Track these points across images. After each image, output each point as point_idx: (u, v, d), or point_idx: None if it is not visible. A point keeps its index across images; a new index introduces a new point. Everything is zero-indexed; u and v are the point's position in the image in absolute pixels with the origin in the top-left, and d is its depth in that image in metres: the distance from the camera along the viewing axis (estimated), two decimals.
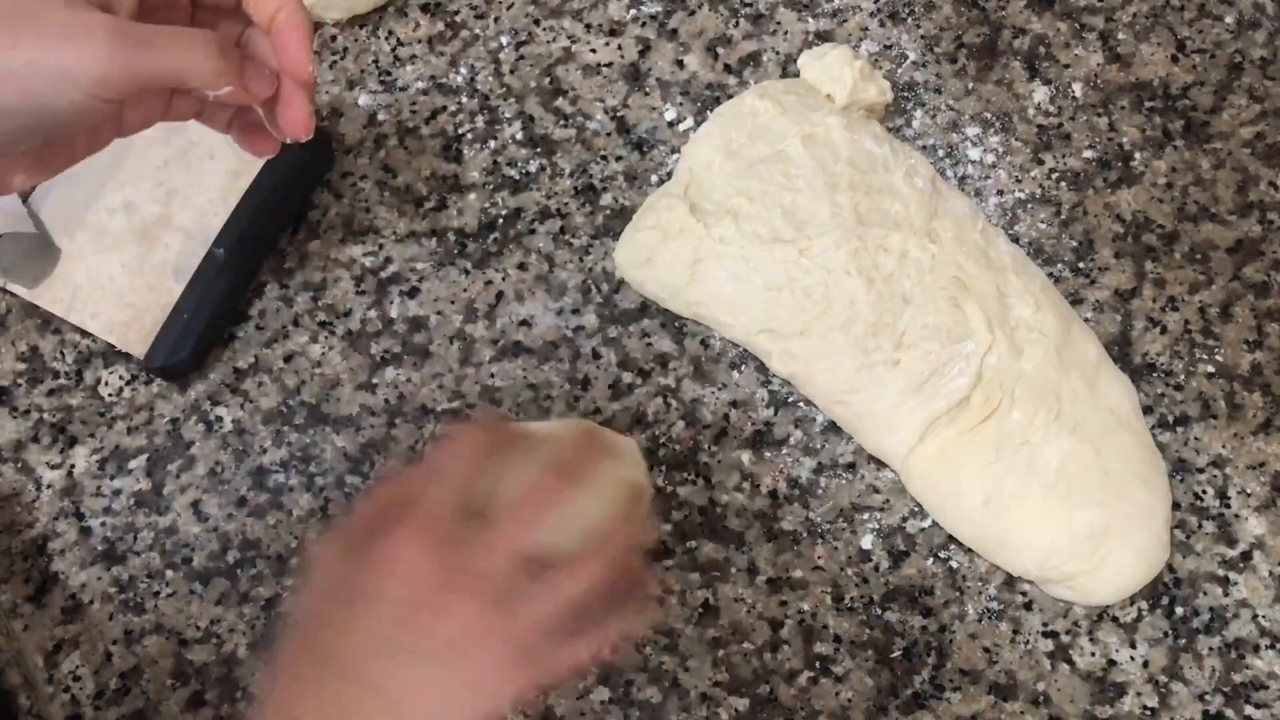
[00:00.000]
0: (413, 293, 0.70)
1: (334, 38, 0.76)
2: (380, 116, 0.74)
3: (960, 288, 0.64)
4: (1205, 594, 0.63)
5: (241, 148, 0.57)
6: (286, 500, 0.67)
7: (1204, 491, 0.65)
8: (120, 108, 0.53)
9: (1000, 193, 0.70)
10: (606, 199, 0.71)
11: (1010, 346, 0.63)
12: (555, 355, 0.68)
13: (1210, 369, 0.67)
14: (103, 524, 0.67)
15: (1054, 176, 0.71)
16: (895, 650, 0.63)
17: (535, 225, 0.71)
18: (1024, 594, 0.63)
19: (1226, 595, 0.63)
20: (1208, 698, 0.61)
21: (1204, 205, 0.70)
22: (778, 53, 0.74)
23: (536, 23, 0.75)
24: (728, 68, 0.74)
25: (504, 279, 0.70)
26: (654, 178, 0.72)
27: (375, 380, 0.68)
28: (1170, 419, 0.66)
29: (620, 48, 0.75)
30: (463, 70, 0.75)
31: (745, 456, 0.66)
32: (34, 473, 0.68)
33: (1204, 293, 0.68)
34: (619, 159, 0.72)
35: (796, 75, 0.71)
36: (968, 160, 0.71)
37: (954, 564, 0.64)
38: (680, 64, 0.74)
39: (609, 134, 0.73)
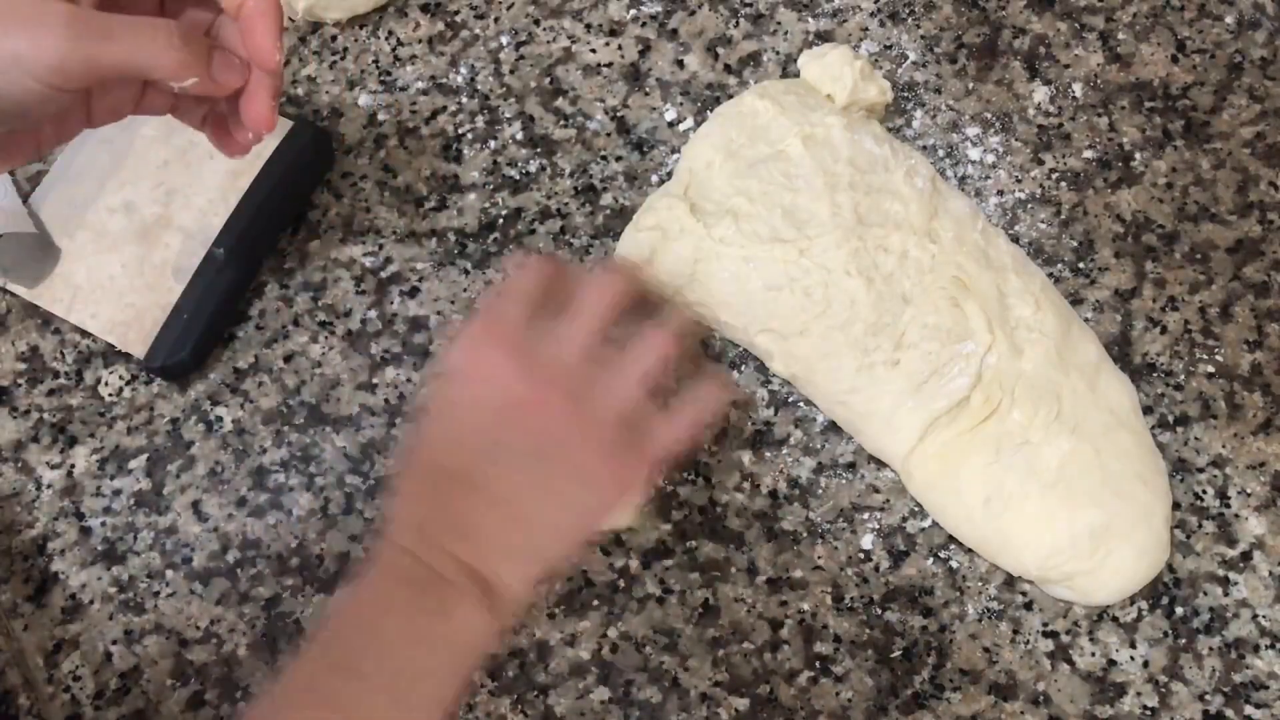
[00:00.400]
0: (413, 293, 0.70)
1: (334, 38, 0.76)
2: (380, 116, 0.74)
3: (960, 288, 0.64)
4: (1205, 594, 0.63)
5: (215, 146, 0.57)
6: (286, 500, 0.67)
7: (1204, 491, 0.65)
8: (85, 98, 0.52)
9: (1000, 193, 0.71)
10: (606, 199, 0.71)
11: (1010, 346, 0.63)
12: None
13: (1210, 369, 0.67)
14: (103, 524, 0.67)
15: (1054, 176, 0.71)
16: (895, 650, 0.63)
17: (535, 225, 0.71)
18: (1024, 594, 0.63)
19: (1226, 595, 0.63)
20: (1208, 698, 0.61)
21: (1204, 205, 0.70)
22: (778, 53, 0.74)
23: (536, 23, 0.75)
24: (728, 68, 0.74)
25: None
26: (654, 178, 0.72)
27: (375, 380, 0.68)
28: (1170, 419, 0.66)
29: (620, 48, 0.75)
30: (463, 70, 0.75)
31: (745, 456, 0.66)
32: (34, 473, 0.68)
33: (1204, 293, 0.68)
34: (619, 159, 0.72)
35: (796, 75, 0.71)
36: (968, 160, 0.71)
37: (954, 564, 0.64)
38: (680, 64, 0.74)
39: (609, 134, 0.73)
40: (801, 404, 0.67)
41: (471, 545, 0.50)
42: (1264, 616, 0.63)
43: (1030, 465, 0.61)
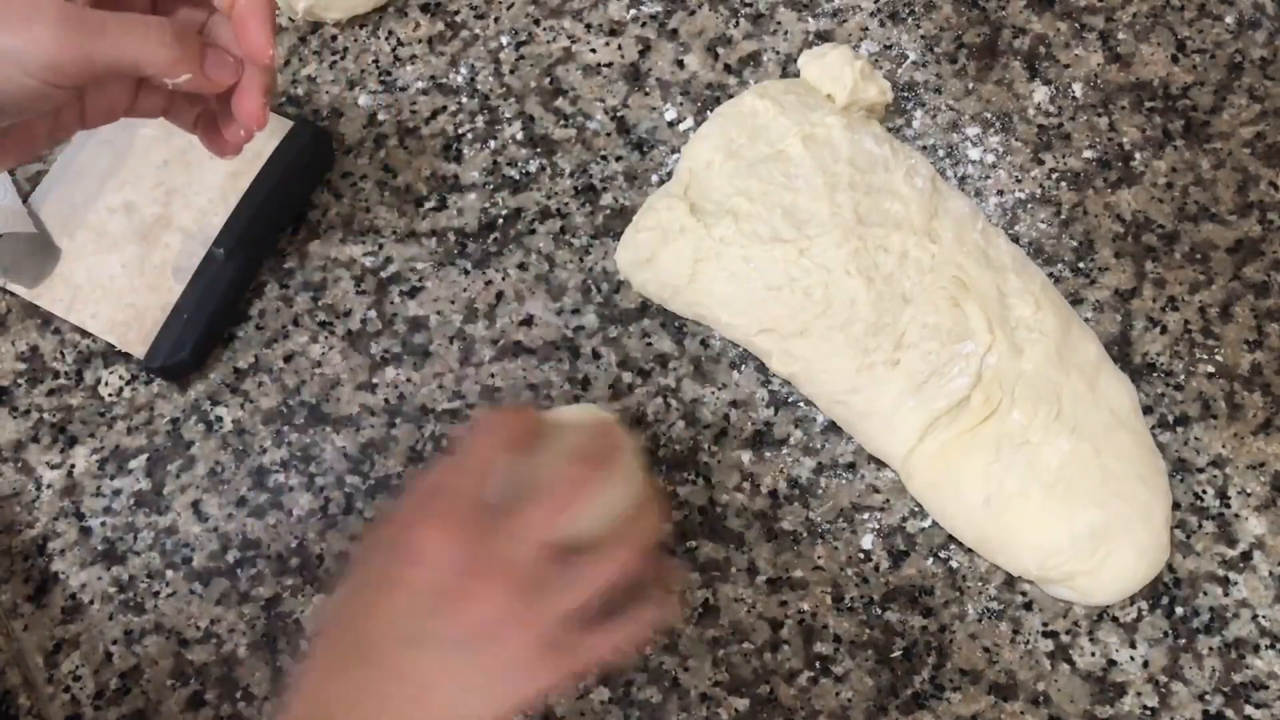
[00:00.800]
0: (413, 293, 0.70)
1: (334, 38, 0.76)
2: (380, 116, 0.74)
3: (960, 288, 0.64)
4: (1205, 594, 0.63)
5: (206, 148, 0.57)
6: (286, 500, 0.67)
7: (1204, 491, 0.65)
8: (79, 96, 0.52)
9: (1000, 193, 0.70)
10: (606, 199, 0.71)
11: (1010, 346, 0.63)
12: (555, 355, 0.68)
13: (1210, 369, 0.67)
14: (103, 524, 0.67)
15: (1054, 176, 0.71)
16: (895, 650, 0.63)
17: (535, 225, 0.71)
18: (1024, 594, 0.63)
19: (1226, 595, 0.63)
20: (1208, 698, 0.61)
21: (1204, 205, 0.70)
22: (778, 53, 0.74)
23: (536, 23, 0.75)
24: (728, 68, 0.74)
25: (504, 279, 0.70)
26: (654, 178, 0.72)
27: (375, 380, 0.68)
28: (1170, 419, 0.66)
29: (620, 48, 0.75)
30: (463, 70, 0.75)
31: (745, 456, 0.66)
32: (34, 473, 0.68)
33: (1204, 293, 0.68)
34: (619, 159, 0.72)
35: (796, 75, 0.71)
36: (968, 160, 0.71)
37: (954, 564, 0.64)
38: (680, 64, 0.74)
39: (609, 134, 0.73)
40: (801, 404, 0.67)
41: None
42: (1264, 616, 0.63)
43: (1030, 465, 0.61)
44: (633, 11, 0.75)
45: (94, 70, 0.48)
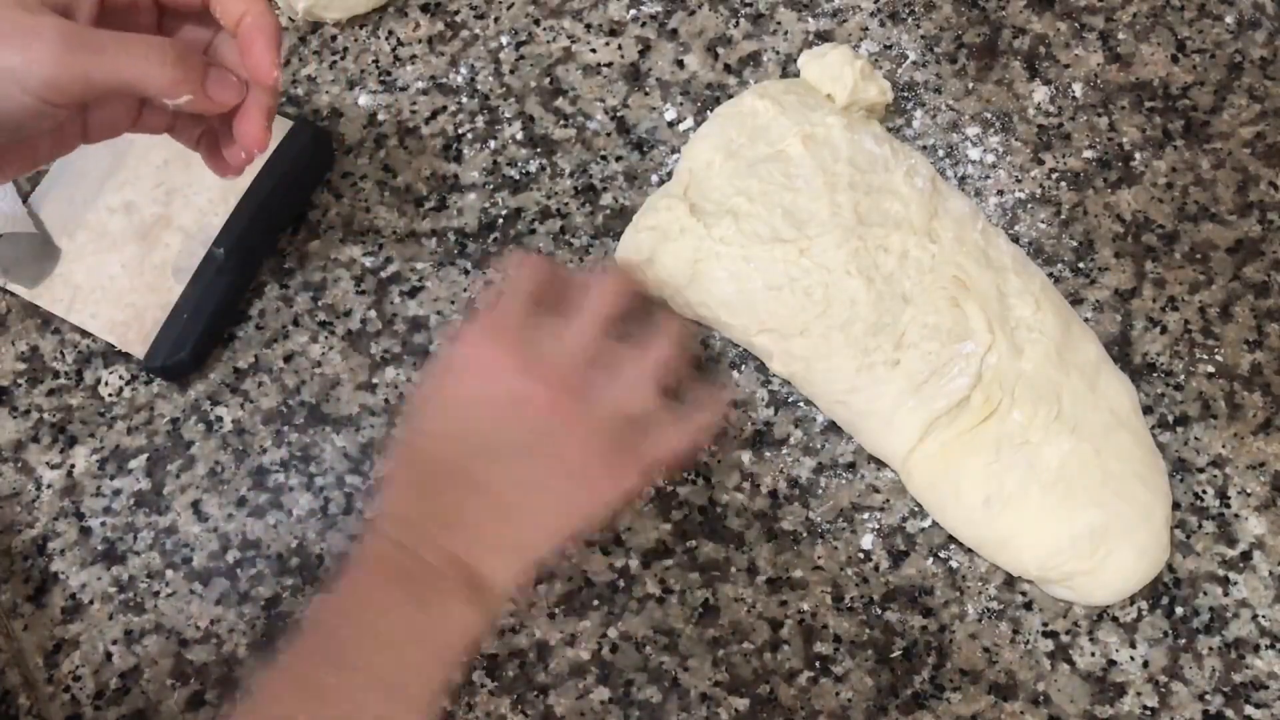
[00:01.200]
0: (413, 293, 0.70)
1: (334, 38, 0.76)
2: (380, 116, 0.74)
3: (960, 288, 0.64)
4: (1205, 594, 0.63)
5: (208, 166, 0.57)
6: (286, 500, 0.67)
7: (1204, 491, 0.65)
8: (81, 113, 0.53)
9: (1000, 193, 0.70)
10: (606, 199, 0.71)
11: (1010, 346, 0.63)
12: None
13: (1210, 369, 0.67)
14: (103, 524, 0.67)
15: (1054, 176, 0.71)
16: (895, 650, 0.63)
17: (535, 225, 0.71)
18: (1024, 594, 0.63)
19: (1226, 595, 0.63)
20: (1208, 698, 0.61)
21: (1204, 205, 0.70)
22: (778, 53, 0.74)
23: (536, 23, 0.75)
24: (728, 68, 0.74)
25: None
26: (654, 178, 0.72)
27: (375, 380, 0.68)
28: (1170, 419, 0.66)
29: (620, 48, 0.75)
30: (463, 70, 0.75)
31: (745, 456, 0.66)
32: (34, 473, 0.68)
33: (1204, 293, 0.68)
34: (619, 159, 0.72)
35: (796, 75, 0.71)
36: (968, 160, 0.71)
37: (954, 564, 0.64)
38: (680, 64, 0.74)
39: (609, 134, 0.73)
40: (801, 404, 0.67)
41: (460, 538, 0.50)
42: (1264, 616, 0.63)
43: (1030, 465, 0.61)
44: (633, 11, 0.75)
45: (93, 90, 0.48)
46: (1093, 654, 0.62)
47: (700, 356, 0.59)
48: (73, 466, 0.68)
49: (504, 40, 0.75)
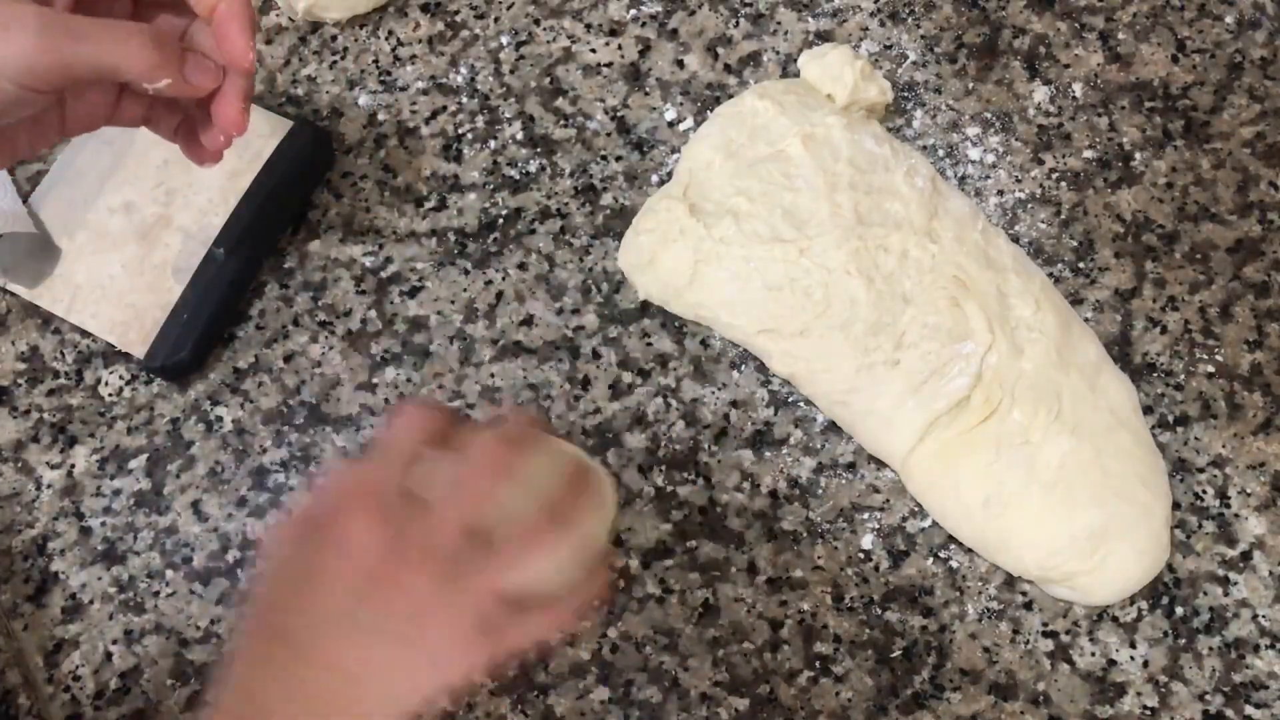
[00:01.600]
0: (413, 293, 0.70)
1: (334, 38, 0.76)
2: (380, 116, 0.74)
3: (960, 288, 0.64)
4: (1205, 594, 0.63)
5: (186, 156, 0.57)
6: (287, 500, 0.66)
7: (1204, 491, 0.65)
8: (59, 102, 0.52)
9: (1000, 193, 0.70)
10: (606, 199, 0.71)
11: (1010, 346, 0.63)
12: (555, 355, 0.68)
13: (1210, 369, 0.67)
14: (103, 524, 0.67)
15: (1054, 176, 0.71)
16: (895, 650, 0.63)
17: (535, 225, 0.71)
18: (1024, 594, 0.63)
19: (1226, 595, 0.63)
20: (1208, 698, 0.61)
21: (1204, 205, 0.70)
22: (778, 53, 0.74)
23: (536, 23, 0.75)
24: (728, 68, 0.74)
25: (504, 279, 0.70)
26: (654, 178, 0.72)
27: (375, 380, 0.68)
28: (1170, 419, 0.66)
29: (620, 48, 0.75)
30: (463, 70, 0.75)
31: (745, 456, 0.66)
32: (34, 473, 0.68)
33: (1204, 293, 0.68)
34: (619, 159, 0.72)
35: (796, 75, 0.71)
36: (968, 160, 0.71)
37: (954, 564, 0.64)
38: (680, 64, 0.74)
39: (609, 134, 0.73)
40: (801, 404, 0.67)
41: (305, 715, 0.48)
42: (1264, 616, 0.63)
43: (1030, 465, 0.61)
44: (633, 11, 0.75)
45: (72, 75, 0.48)
46: (1093, 654, 0.62)
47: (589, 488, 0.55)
48: (73, 466, 0.68)
49: (504, 40, 0.75)
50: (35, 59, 0.47)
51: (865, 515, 0.65)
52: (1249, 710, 0.61)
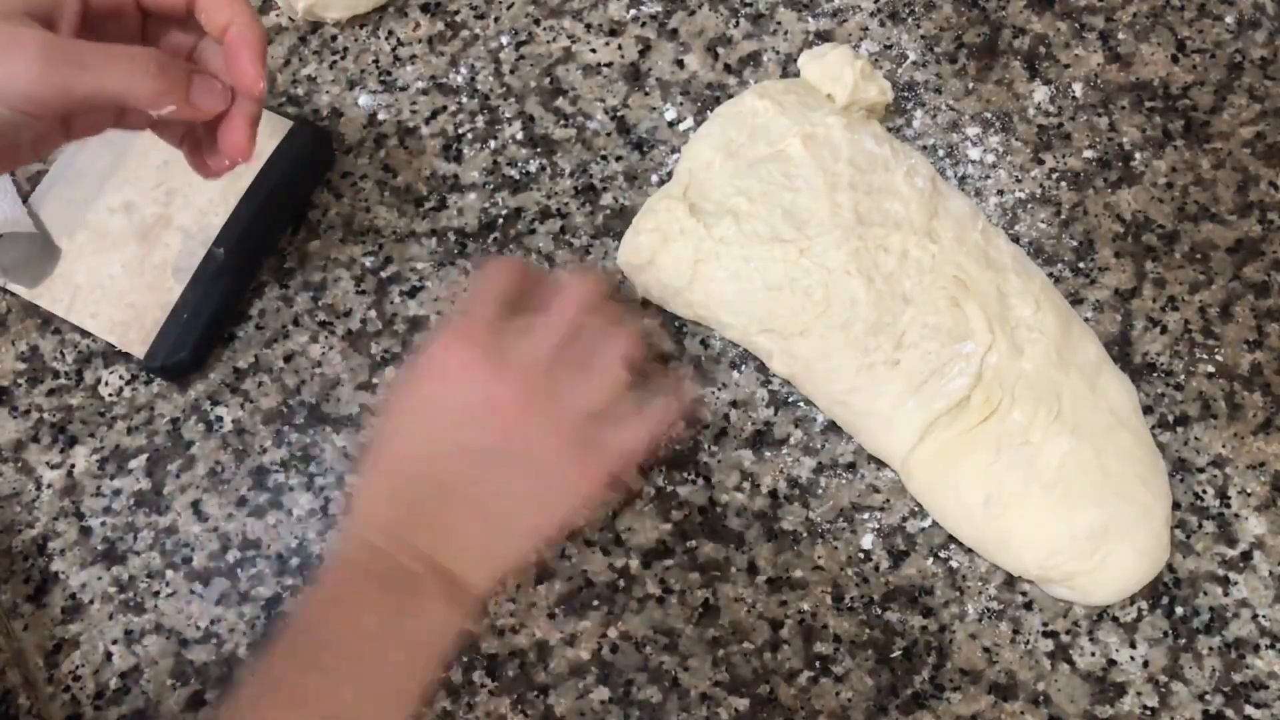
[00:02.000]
0: (413, 293, 0.70)
1: (334, 38, 0.76)
2: (380, 116, 0.74)
3: (960, 287, 0.64)
4: (1205, 594, 0.63)
5: (190, 166, 0.56)
6: (287, 500, 0.67)
7: (1204, 491, 0.65)
8: (62, 117, 0.53)
9: (1000, 193, 0.70)
10: (606, 199, 0.71)
11: (1010, 346, 0.63)
12: None
13: (1210, 369, 0.67)
14: (103, 524, 0.67)
15: (1054, 176, 0.71)
16: (895, 650, 0.63)
17: (535, 225, 0.71)
18: (1024, 594, 0.63)
19: (1226, 595, 0.63)
20: (1208, 698, 0.61)
21: (1204, 205, 0.70)
22: (778, 53, 0.74)
23: (536, 23, 0.75)
24: (728, 68, 0.74)
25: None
26: (654, 178, 0.72)
27: (375, 380, 0.68)
28: (1170, 419, 0.66)
29: (620, 48, 0.75)
30: (463, 70, 0.75)
31: (745, 456, 0.66)
32: (34, 472, 0.68)
33: (1204, 293, 0.68)
34: (619, 159, 0.72)
35: (796, 75, 0.71)
36: (968, 160, 0.71)
37: (954, 564, 0.64)
38: (680, 64, 0.74)
39: (609, 134, 0.73)
40: (801, 404, 0.67)
41: (436, 541, 0.51)
42: (1264, 616, 0.63)
43: (1030, 465, 0.61)
44: (633, 11, 0.75)
45: (74, 102, 0.48)
46: (1093, 654, 0.62)
47: (663, 351, 0.60)
48: (73, 466, 0.68)
49: (504, 40, 0.75)
50: (37, 88, 0.47)
51: (865, 515, 0.65)
52: (1249, 710, 0.61)
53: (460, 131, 0.73)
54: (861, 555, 0.64)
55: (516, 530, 0.53)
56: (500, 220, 0.71)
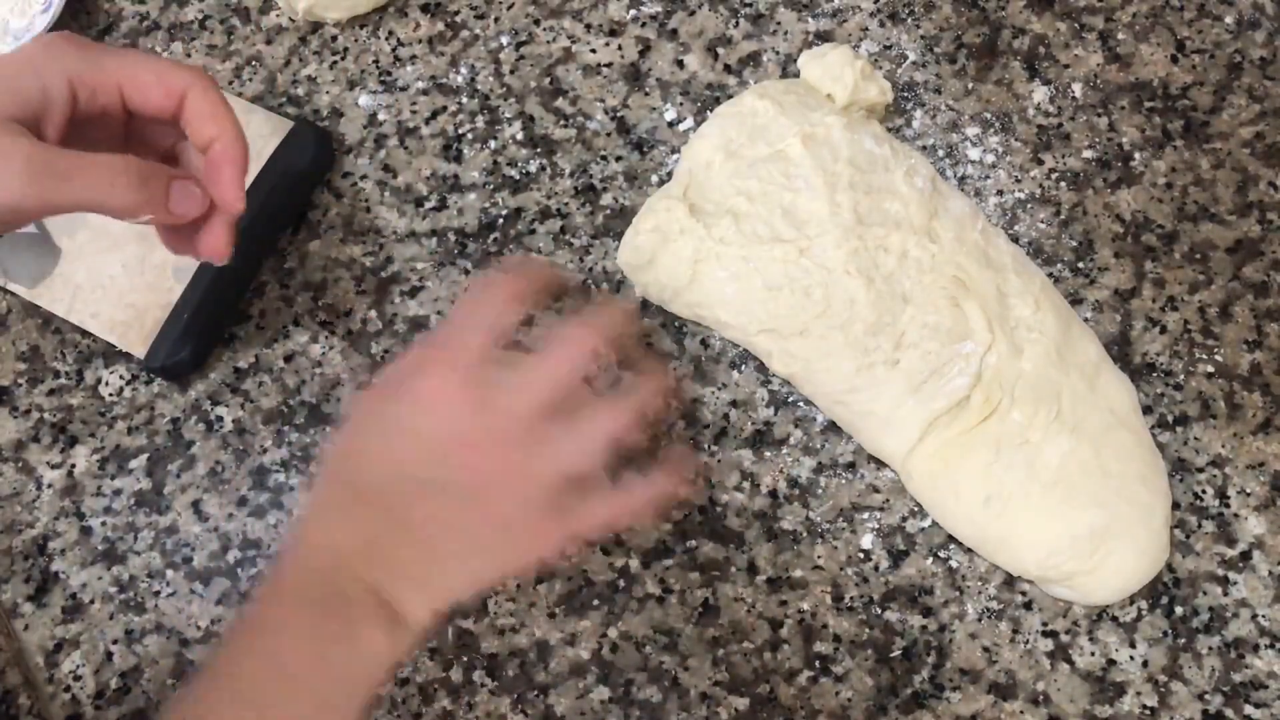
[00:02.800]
0: (413, 293, 0.70)
1: (334, 38, 0.76)
2: (380, 116, 0.74)
3: (960, 287, 0.64)
4: (1205, 594, 0.63)
5: (162, 242, 0.56)
6: (287, 500, 0.67)
7: (1204, 491, 0.65)
8: None
9: (1000, 193, 0.71)
10: (606, 199, 0.71)
11: (1010, 346, 0.63)
12: None
13: (1210, 369, 0.67)
14: (103, 524, 0.67)
15: (1054, 176, 0.71)
16: (895, 650, 0.63)
17: (535, 225, 0.71)
18: (1024, 594, 0.63)
19: (1226, 595, 0.63)
20: (1207, 697, 0.61)
21: (1204, 205, 0.70)
22: (778, 53, 0.74)
23: (536, 23, 0.75)
24: (728, 68, 0.74)
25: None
26: (654, 178, 0.72)
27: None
28: (1170, 419, 0.66)
29: (620, 48, 0.75)
30: (463, 70, 0.75)
31: (745, 456, 0.66)
32: (34, 472, 0.68)
33: (1204, 293, 0.68)
34: (619, 159, 0.72)
35: (796, 75, 0.71)
36: (968, 160, 0.71)
37: (954, 564, 0.64)
38: (680, 64, 0.74)
39: (609, 134, 0.73)
40: (801, 404, 0.67)
41: (383, 572, 0.49)
42: (1264, 616, 0.63)
43: (1030, 465, 0.61)
44: (633, 11, 0.75)
45: (54, 210, 0.49)
46: (1092, 654, 0.62)
47: (663, 351, 0.57)
48: (73, 466, 0.68)
49: (504, 40, 0.75)
50: (19, 199, 0.48)
51: (865, 515, 0.65)
52: (1248, 710, 0.61)
53: (460, 132, 0.73)
54: (861, 555, 0.64)
55: (462, 572, 0.50)
56: (500, 220, 0.71)
